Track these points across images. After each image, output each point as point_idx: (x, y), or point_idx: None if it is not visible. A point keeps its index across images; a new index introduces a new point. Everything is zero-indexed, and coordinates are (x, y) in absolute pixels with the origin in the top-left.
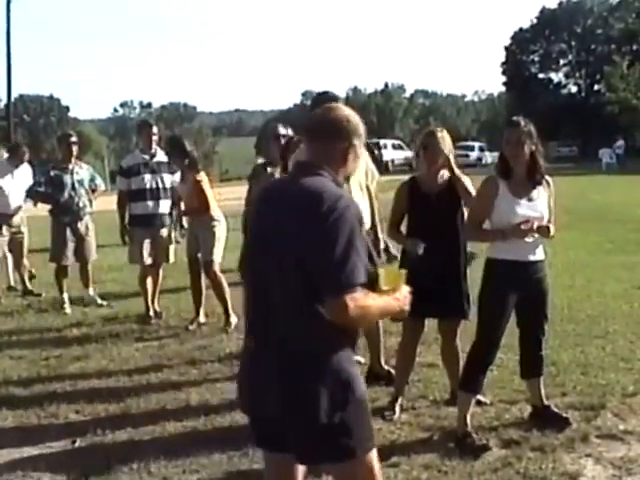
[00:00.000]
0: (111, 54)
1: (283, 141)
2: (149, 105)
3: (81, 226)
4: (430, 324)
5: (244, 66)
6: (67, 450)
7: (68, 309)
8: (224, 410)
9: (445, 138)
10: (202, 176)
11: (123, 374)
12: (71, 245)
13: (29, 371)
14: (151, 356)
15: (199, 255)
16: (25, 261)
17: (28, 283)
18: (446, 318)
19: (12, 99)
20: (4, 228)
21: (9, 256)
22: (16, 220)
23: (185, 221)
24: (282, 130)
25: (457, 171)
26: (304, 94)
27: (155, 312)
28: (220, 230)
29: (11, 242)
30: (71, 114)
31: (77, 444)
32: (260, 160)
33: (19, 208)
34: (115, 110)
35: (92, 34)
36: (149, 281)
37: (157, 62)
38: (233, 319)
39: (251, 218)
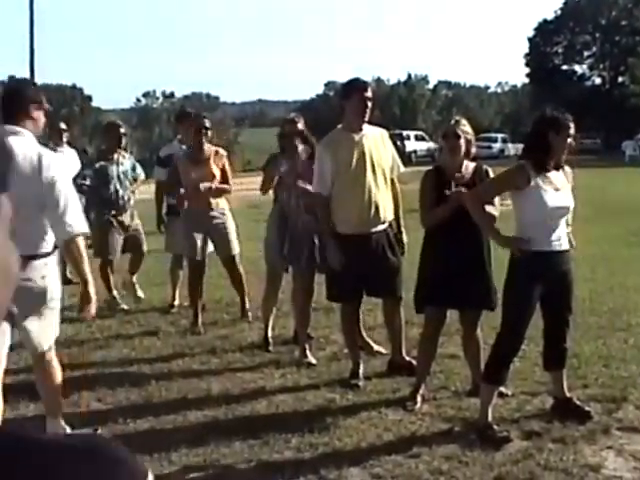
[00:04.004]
0: (134, 44)
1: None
2: (172, 95)
3: (126, 219)
4: (452, 315)
5: (267, 56)
6: None
7: (124, 305)
8: (245, 399)
9: (465, 129)
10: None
11: (145, 363)
12: (119, 239)
13: None
14: (173, 345)
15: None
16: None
17: (68, 272)
18: (468, 309)
19: None
20: None
21: None
22: None
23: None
24: (301, 127)
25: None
26: (327, 85)
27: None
28: (231, 221)
29: None
30: (94, 104)
31: (99, 432)
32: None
33: None
34: (138, 100)
35: (115, 24)
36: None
37: (180, 52)
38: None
39: None
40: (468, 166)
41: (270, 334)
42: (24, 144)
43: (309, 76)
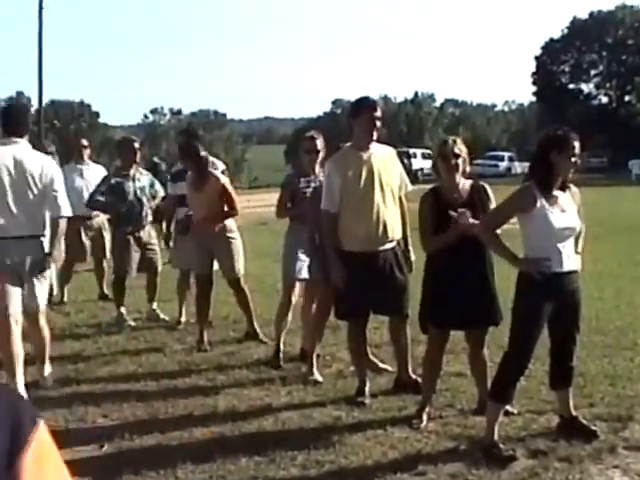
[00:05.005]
0: (142, 60)
1: (321, 155)
2: (179, 112)
3: (144, 235)
4: (458, 333)
5: (274, 74)
6: (95, 454)
7: (132, 322)
8: (251, 416)
9: (461, 147)
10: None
11: (151, 379)
12: (136, 256)
13: (57, 374)
14: (179, 362)
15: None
16: (105, 266)
17: (105, 288)
18: (473, 327)
19: (43, 104)
20: (82, 232)
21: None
22: (97, 222)
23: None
24: (320, 145)
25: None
26: (334, 102)
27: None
28: (237, 242)
29: (93, 247)
30: (101, 120)
31: (105, 448)
32: (291, 170)
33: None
34: (145, 117)
35: (123, 40)
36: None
37: (188, 69)
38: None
39: None
40: (465, 184)
41: (282, 349)
42: (26, 149)
43: (316, 93)
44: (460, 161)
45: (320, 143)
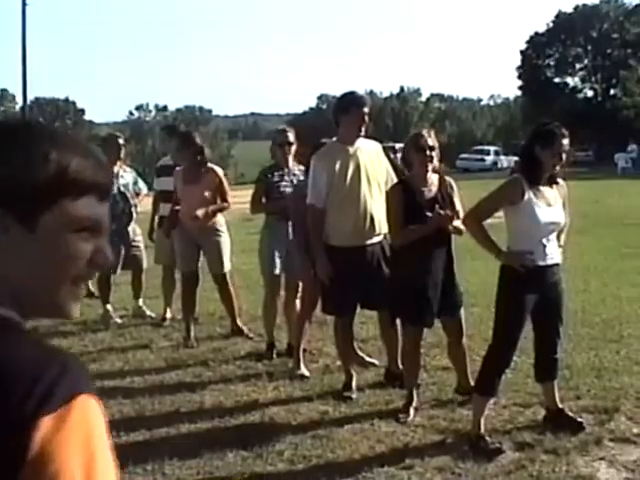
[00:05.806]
0: (127, 57)
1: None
2: (165, 108)
3: (128, 232)
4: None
5: (260, 69)
6: None
7: (118, 319)
8: (238, 412)
9: (434, 140)
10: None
11: (138, 376)
12: (120, 253)
13: None
14: (165, 358)
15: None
16: None
17: (90, 285)
18: (444, 318)
19: (28, 102)
20: None
21: None
22: None
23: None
24: (291, 137)
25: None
26: (320, 97)
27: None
28: (226, 238)
29: None
30: (86, 117)
31: None
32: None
33: None
34: (130, 113)
35: (108, 37)
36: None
37: (173, 65)
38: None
39: None
40: (434, 179)
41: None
42: None
43: (302, 89)
44: (434, 153)
45: (292, 135)
